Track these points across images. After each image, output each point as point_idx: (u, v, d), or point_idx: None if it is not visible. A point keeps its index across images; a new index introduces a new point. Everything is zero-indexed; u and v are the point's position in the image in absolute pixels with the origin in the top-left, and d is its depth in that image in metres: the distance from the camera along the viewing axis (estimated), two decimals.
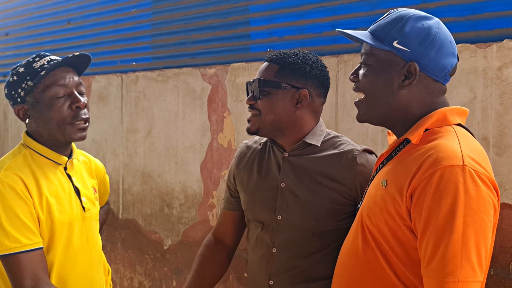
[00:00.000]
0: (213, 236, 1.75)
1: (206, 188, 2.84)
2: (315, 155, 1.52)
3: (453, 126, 1.19)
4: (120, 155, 3.33)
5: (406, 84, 1.20)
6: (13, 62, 4.25)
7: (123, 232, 3.32)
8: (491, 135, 1.86)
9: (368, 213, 1.21)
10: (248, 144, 1.68)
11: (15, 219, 1.40)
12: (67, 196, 1.54)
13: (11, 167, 1.46)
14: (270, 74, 1.50)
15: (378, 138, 2.16)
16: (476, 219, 1.04)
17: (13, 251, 1.39)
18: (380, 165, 1.29)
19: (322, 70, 1.54)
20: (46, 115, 1.48)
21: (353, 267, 1.24)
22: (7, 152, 4.11)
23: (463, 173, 1.05)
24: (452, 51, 1.21)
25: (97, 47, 3.55)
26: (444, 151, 1.09)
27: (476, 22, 1.97)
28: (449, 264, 1.03)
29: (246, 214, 1.63)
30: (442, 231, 1.04)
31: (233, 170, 1.67)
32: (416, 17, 1.21)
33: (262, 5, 2.66)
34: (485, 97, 1.87)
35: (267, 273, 1.53)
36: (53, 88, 1.47)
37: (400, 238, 1.14)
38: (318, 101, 1.55)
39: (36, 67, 1.48)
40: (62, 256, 1.50)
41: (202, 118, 2.86)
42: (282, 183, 1.52)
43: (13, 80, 1.49)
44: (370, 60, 1.24)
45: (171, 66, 3.07)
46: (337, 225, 1.48)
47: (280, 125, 1.50)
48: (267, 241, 1.54)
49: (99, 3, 3.52)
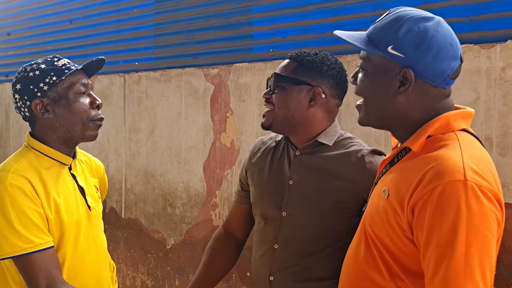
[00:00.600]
0: (223, 229, 1.77)
1: (209, 188, 2.85)
2: (325, 154, 1.52)
3: (457, 133, 1.14)
4: (123, 154, 3.33)
5: (401, 91, 1.15)
6: (14, 62, 4.26)
7: (126, 231, 3.33)
8: (494, 136, 1.86)
9: (370, 222, 1.19)
10: (263, 140, 1.71)
11: (26, 220, 1.42)
12: (73, 196, 1.56)
13: (17, 169, 1.47)
14: (288, 70, 1.53)
15: (381, 138, 2.17)
16: (480, 236, 1.01)
17: (26, 251, 1.41)
18: (383, 170, 1.27)
19: (340, 72, 1.55)
20: (71, 110, 1.52)
21: (356, 274, 1.23)
22: (9, 151, 4.14)
23: (465, 189, 1.01)
24: (453, 54, 1.14)
25: (99, 47, 3.55)
26: (446, 164, 1.05)
27: (479, 22, 1.98)
28: (451, 282, 1.00)
29: (253, 208, 1.65)
30: (444, 248, 1.01)
31: (246, 163, 1.70)
32: (414, 19, 1.14)
33: (265, 6, 2.67)
34: (488, 98, 1.88)
35: (268, 268, 1.55)
36: (77, 85, 1.53)
37: (402, 248, 1.12)
38: (333, 102, 1.55)
39: (60, 65, 1.54)
40: (71, 255, 1.52)
41: (205, 118, 2.87)
42: (291, 180, 1.54)
43: (34, 75, 1.52)
44: (367, 65, 1.20)
45: (173, 66, 3.08)
46: (341, 225, 1.49)
47: (292, 121, 1.52)
48: (270, 237, 1.55)
49: (102, 3, 3.52)
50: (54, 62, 1.54)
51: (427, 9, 1.98)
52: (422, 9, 1.24)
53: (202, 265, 1.70)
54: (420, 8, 1.78)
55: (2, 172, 1.47)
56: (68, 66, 1.55)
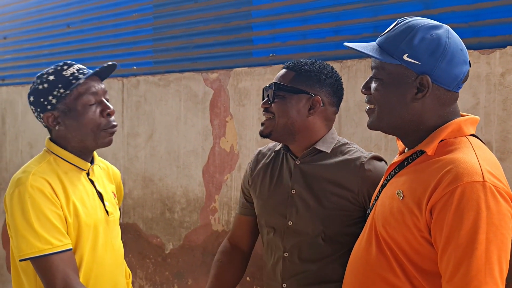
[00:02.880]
0: (228, 242, 1.79)
1: (208, 193, 2.84)
2: (325, 161, 1.56)
3: (468, 137, 1.20)
4: (121, 159, 3.32)
5: (419, 97, 1.19)
6: (11, 66, 4.24)
7: (124, 236, 3.30)
8: (494, 140, 1.88)
9: (384, 223, 1.21)
10: (262, 151, 1.73)
11: (46, 221, 1.44)
12: (92, 200, 1.58)
13: (38, 171, 1.50)
14: (286, 79, 1.56)
15: (381, 143, 2.18)
16: (498, 234, 1.06)
17: (45, 252, 1.43)
18: (392, 172, 1.29)
19: (337, 80, 1.60)
20: (80, 122, 1.53)
21: (366, 276, 1.24)
22: (5, 156, 4.12)
23: (484, 190, 1.07)
24: (464, 58, 1.20)
25: (97, 51, 3.54)
26: (464, 166, 1.10)
27: (479, 28, 1.99)
28: (473, 280, 1.04)
29: (259, 220, 1.67)
30: (465, 247, 1.06)
31: (247, 176, 1.72)
32: (426, 27, 1.19)
33: (264, 10, 2.67)
34: (488, 103, 1.89)
35: (280, 276, 1.58)
36: (85, 96, 1.53)
37: (417, 249, 1.15)
38: (331, 109, 1.59)
39: (67, 75, 1.53)
40: (88, 259, 1.54)
41: (204, 122, 2.87)
42: (293, 189, 1.57)
43: (43, 87, 1.52)
44: (381, 74, 1.23)
45: (172, 71, 3.08)
46: (346, 230, 1.51)
47: (292, 129, 1.55)
48: (279, 246, 1.58)
49: (99, 7, 3.52)
50: (63, 72, 1.54)
51: (426, 15, 2.00)
52: (422, 15, 1.29)
53: (211, 278, 1.72)
54: (420, 14, 1.80)
55: (23, 173, 1.50)
56: (76, 75, 1.53)
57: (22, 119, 4.02)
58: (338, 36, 2.38)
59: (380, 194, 1.30)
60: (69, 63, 1.57)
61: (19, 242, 1.44)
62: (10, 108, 4.12)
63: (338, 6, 2.38)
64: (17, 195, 1.46)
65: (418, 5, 2.13)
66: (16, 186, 1.48)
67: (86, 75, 1.54)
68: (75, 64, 1.58)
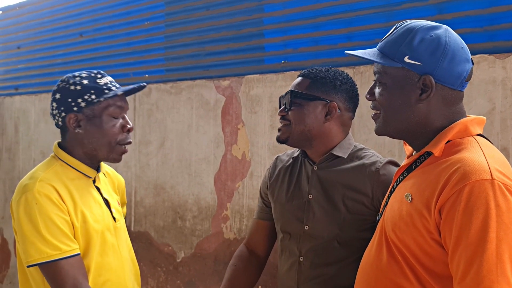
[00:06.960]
0: (245, 247, 1.79)
1: (220, 200, 2.83)
2: (341, 167, 1.57)
3: (475, 137, 1.19)
4: (133, 167, 3.32)
5: (423, 98, 1.19)
6: (24, 75, 4.28)
7: (135, 244, 3.30)
8: (510, 146, 1.85)
9: (393, 228, 1.20)
10: (281, 157, 1.76)
11: (53, 227, 1.45)
12: (99, 207, 1.59)
13: (45, 177, 1.51)
14: (302, 87, 1.59)
15: (395, 149, 2.15)
16: (509, 232, 1.04)
17: (54, 258, 1.43)
18: (400, 176, 1.29)
19: (352, 86, 1.62)
20: (101, 130, 1.55)
21: (378, 282, 1.23)
22: (18, 164, 4.14)
23: (493, 187, 1.05)
24: (465, 57, 1.20)
25: (109, 59, 3.56)
26: (471, 165, 1.09)
27: (494, 32, 1.97)
28: (485, 280, 1.02)
29: (276, 224, 1.69)
30: (475, 247, 1.04)
31: (266, 181, 1.74)
32: (424, 28, 1.19)
33: (276, 17, 2.67)
34: (504, 108, 1.86)
35: (295, 281, 1.59)
36: (113, 108, 1.56)
37: (428, 251, 1.14)
38: (347, 115, 1.61)
39: (101, 84, 1.56)
40: (97, 264, 1.54)
41: (215, 130, 2.86)
42: (310, 194, 1.59)
43: (75, 89, 1.55)
44: (384, 79, 1.23)
45: (184, 78, 3.08)
46: (361, 235, 1.51)
47: (309, 136, 1.57)
48: (295, 251, 1.59)
49: (112, 16, 3.54)
50: (97, 80, 1.57)
51: (441, 19, 1.98)
52: (436, 20, 1.30)
53: (225, 281, 1.71)
54: (434, 19, 1.78)
55: (30, 180, 1.51)
56: (109, 86, 1.57)
57: (35, 128, 4.04)
58: (350, 42, 2.37)
59: (389, 199, 1.30)
60: (102, 72, 1.62)
61: (27, 248, 1.45)
62: (23, 117, 4.15)
63: (350, 12, 2.36)
64: (24, 202, 1.47)
65: (432, 10, 2.11)
66: (23, 192, 1.48)
67: (119, 89, 1.58)
68: (108, 76, 1.63)
